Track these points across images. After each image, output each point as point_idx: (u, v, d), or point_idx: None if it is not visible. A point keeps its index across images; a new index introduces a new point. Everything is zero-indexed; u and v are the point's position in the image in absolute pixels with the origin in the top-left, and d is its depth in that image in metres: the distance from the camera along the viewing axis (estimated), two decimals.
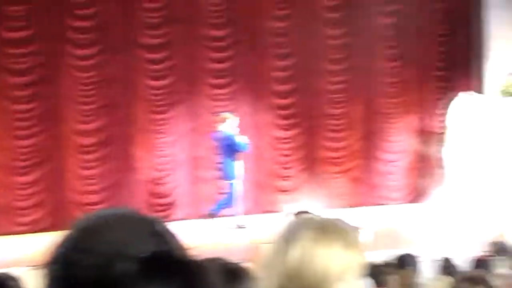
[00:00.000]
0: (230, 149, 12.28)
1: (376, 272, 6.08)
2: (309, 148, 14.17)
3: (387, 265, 7.59)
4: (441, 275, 7.14)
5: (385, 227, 11.77)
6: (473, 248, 9.23)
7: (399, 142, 14.68)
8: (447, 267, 7.25)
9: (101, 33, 12.88)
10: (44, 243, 1.37)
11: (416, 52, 14.61)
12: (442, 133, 14.10)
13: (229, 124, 12.41)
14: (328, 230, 1.64)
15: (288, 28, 13.91)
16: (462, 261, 7.70)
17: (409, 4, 14.53)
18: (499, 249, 8.07)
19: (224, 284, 2.21)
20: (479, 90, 15.00)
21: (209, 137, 13.15)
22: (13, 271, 5.52)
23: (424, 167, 14.66)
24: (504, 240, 8.64)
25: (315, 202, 13.29)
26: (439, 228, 11.61)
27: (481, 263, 7.08)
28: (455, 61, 14.89)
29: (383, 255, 8.04)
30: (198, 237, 11.01)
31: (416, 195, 14.60)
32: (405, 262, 7.08)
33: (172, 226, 1.31)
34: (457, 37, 14.79)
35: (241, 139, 12.42)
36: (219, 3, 13.52)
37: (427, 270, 7.31)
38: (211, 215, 12.44)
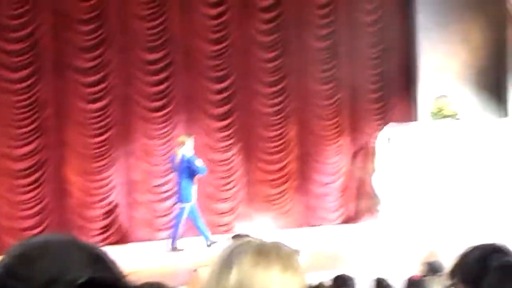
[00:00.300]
0: (188, 172, 12.27)
1: None
2: (246, 170, 14.20)
3: (322, 286, 7.63)
4: None
5: (321, 248, 11.84)
6: (407, 268, 9.36)
7: (334, 164, 14.84)
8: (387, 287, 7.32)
9: (34, 55, 12.68)
10: None
11: (350, 74, 14.83)
12: (374, 156, 14.34)
13: (188, 147, 12.40)
14: (266, 253, 1.64)
15: (223, 50, 13.97)
16: (396, 281, 7.80)
17: (343, 27, 14.79)
18: (432, 269, 8.20)
19: None
20: (412, 111, 15.32)
21: (148, 160, 13.12)
22: None
23: (359, 188, 14.88)
24: (437, 259, 8.77)
25: (253, 224, 13.34)
26: (374, 249, 11.76)
27: (414, 283, 7.17)
28: (388, 83, 15.17)
29: (319, 276, 8.09)
30: (135, 261, 10.88)
31: (351, 216, 14.78)
32: (340, 283, 7.13)
33: (109, 251, 1.29)
34: (390, 60, 15.09)
35: (199, 163, 12.41)
36: (154, 26, 13.49)
37: None
38: (174, 249, 12.29)
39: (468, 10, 14.98)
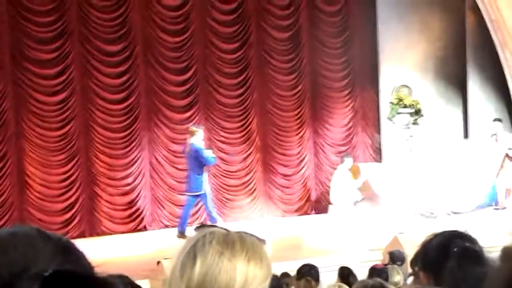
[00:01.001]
0: (197, 162, 12.16)
1: (275, 283, 6.12)
2: None
3: (286, 275, 7.68)
4: (340, 283, 7.26)
5: (284, 239, 11.88)
6: (370, 256, 9.45)
7: (296, 155, 14.89)
8: (346, 276, 7.39)
9: None
10: None
11: (312, 65, 14.88)
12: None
13: (198, 137, 12.30)
14: (231, 243, 1.63)
15: (184, 42, 13.91)
16: (359, 269, 7.87)
17: (305, 18, 14.83)
18: (393, 258, 8.29)
19: None
20: (375, 102, 15.44)
21: (109, 154, 13.06)
22: None
23: (321, 178, 14.97)
24: (398, 249, 8.87)
25: (215, 215, 13.35)
26: (337, 238, 11.84)
27: (376, 271, 7.24)
28: (351, 74, 15.25)
29: (283, 266, 8.13)
30: (100, 253, 10.80)
31: (313, 206, 14.86)
32: (304, 272, 7.17)
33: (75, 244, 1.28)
34: (353, 50, 15.17)
35: (208, 153, 12.34)
36: (114, 18, 13.37)
37: (326, 280, 7.42)
38: (181, 234, 12.12)
39: (427, 1, 15.11)
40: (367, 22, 15.28)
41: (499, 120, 14.35)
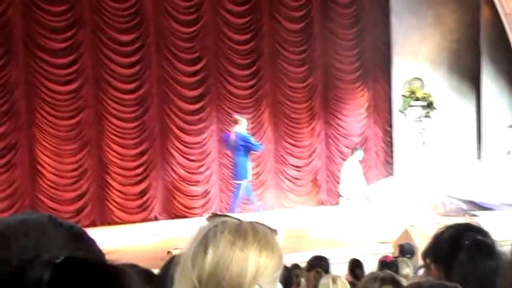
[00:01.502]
0: (243, 149, 12.31)
1: (286, 274, 6.13)
2: (218, 153, 14.18)
3: (296, 267, 7.68)
4: (334, 275, 7.26)
5: (294, 229, 11.89)
6: (381, 249, 9.44)
7: (307, 147, 14.88)
8: (356, 268, 7.39)
9: (4, 37, 12.50)
10: None
11: (324, 57, 14.85)
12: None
13: (242, 126, 12.44)
14: (243, 233, 1.63)
15: (196, 32, 13.90)
16: (370, 262, 7.86)
17: (318, 9, 14.79)
18: (403, 251, 8.29)
19: None
20: (386, 94, 15.40)
21: (120, 143, 13.11)
22: None
23: (332, 170, 14.95)
24: (408, 241, 8.86)
25: (227, 207, 13.37)
26: (348, 230, 11.83)
27: (386, 264, 7.23)
28: (363, 66, 15.22)
29: (293, 257, 8.14)
30: (110, 242, 10.83)
31: (324, 198, 14.85)
32: (314, 264, 7.17)
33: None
34: (365, 43, 15.13)
35: (254, 140, 12.52)
36: (127, 8, 13.37)
37: (336, 271, 7.41)
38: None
39: None
40: (380, 14, 15.22)
41: None
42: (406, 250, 8.27)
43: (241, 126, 12.43)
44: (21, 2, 12.63)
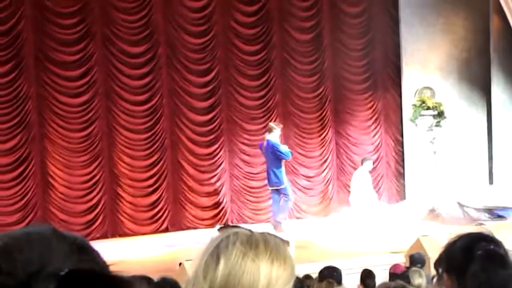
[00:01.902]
0: (274, 156, 12.42)
1: (298, 285, 6.11)
2: (229, 165, 14.18)
3: (308, 277, 7.66)
4: (362, 286, 7.24)
5: (305, 240, 11.86)
6: (393, 259, 9.40)
7: (318, 157, 14.86)
8: (367, 278, 7.36)
9: (15, 50, 12.58)
10: None
11: (334, 67, 14.85)
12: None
13: (275, 134, 12.54)
14: (255, 244, 1.62)
15: (206, 43, 13.94)
16: (381, 272, 7.83)
17: (328, 20, 14.80)
18: (414, 261, 8.25)
19: None
20: (397, 104, 15.37)
21: (131, 155, 13.17)
22: None
23: (343, 180, 14.92)
24: (420, 251, 8.82)
25: (237, 217, 13.36)
26: (360, 240, 11.79)
27: (397, 274, 7.20)
28: (373, 76, 15.20)
29: (306, 268, 8.11)
30: (122, 254, 10.85)
31: (335, 208, 14.81)
32: (326, 274, 7.15)
33: (93, 245, 1.28)
34: (375, 52, 15.11)
35: (284, 148, 12.58)
36: (137, 19, 13.43)
37: (348, 282, 7.39)
38: (275, 226, 12.40)
39: (449, 2, 15.02)
40: (390, 24, 15.22)
41: None
42: (416, 260, 8.23)
43: (274, 134, 12.54)
44: (32, 15, 12.71)
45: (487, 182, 15.01)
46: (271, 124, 12.88)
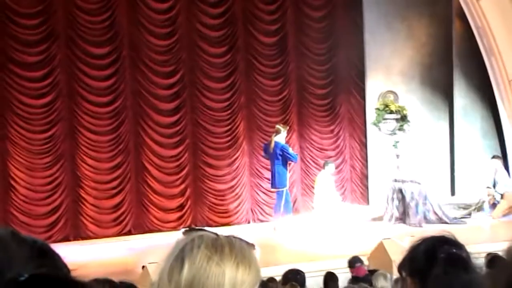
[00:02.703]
0: (282, 158, 12.59)
1: None
2: (194, 166, 14.14)
3: (272, 280, 7.66)
4: None
5: (270, 243, 11.86)
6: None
7: None
8: (330, 281, 7.39)
9: None
10: None
11: (298, 70, 14.89)
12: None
13: (282, 136, 12.71)
14: (220, 247, 1.62)
15: (171, 45, 13.89)
16: (345, 275, 7.87)
17: (292, 23, 14.85)
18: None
19: None
20: (360, 107, 15.48)
21: (94, 157, 13.06)
22: None
23: (308, 183, 14.96)
24: (384, 254, 8.88)
25: (201, 220, 13.31)
26: (323, 243, 11.83)
27: (362, 277, 7.25)
28: (336, 80, 15.27)
29: (269, 271, 8.11)
30: (84, 257, 10.75)
31: (299, 210, 14.84)
32: (290, 277, 7.16)
33: (55, 247, 1.26)
34: (339, 56, 15.18)
35: (292, 150, 12.79)
36: (101, 21, 13.32)
37: (311, 285, 7.41)
38: (277, 226, 12.66)
39: (413, 8, 15.17)
40: (353, 28, 15.30)
41: (498, 157, 13.86)
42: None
43: (281, 136, 12.72)
44: None
45: (449, 182, 15.26)
46: (278, 126, 13.08)
